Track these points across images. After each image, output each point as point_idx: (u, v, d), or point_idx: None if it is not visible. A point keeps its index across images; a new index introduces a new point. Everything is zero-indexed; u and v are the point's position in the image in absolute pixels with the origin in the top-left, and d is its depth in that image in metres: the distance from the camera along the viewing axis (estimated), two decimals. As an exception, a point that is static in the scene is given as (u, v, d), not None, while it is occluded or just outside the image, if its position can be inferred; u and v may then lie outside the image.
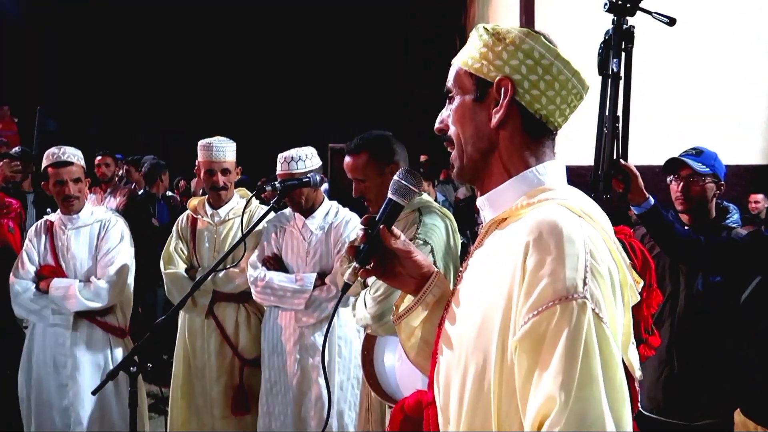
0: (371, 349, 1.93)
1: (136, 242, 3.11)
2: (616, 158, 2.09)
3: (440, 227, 2.06)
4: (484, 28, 1.07)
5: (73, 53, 12.06)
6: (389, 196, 1.16)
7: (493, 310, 0.93)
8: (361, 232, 1.14)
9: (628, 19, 2.02)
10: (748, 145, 5.43)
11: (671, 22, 2.05)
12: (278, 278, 2.79)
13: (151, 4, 11.86)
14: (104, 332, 2.97)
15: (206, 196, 3.23)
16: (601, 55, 2.02)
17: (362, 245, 1.13)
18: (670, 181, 2.44)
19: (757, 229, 2.71)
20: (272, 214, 2.76)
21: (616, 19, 2.01)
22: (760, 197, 5.50)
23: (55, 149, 2.92)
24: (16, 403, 3.00)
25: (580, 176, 2.02)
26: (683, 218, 2.44)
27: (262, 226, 2.88)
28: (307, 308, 2.76)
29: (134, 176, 6.10)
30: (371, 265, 1.14)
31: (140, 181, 5.91)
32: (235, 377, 3.04)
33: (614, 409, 0.82)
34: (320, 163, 2.90)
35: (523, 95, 1.02)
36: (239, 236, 2.39)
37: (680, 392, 2.37)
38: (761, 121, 5.51)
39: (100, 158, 5.73)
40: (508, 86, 1.02)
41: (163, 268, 3.09)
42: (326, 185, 4.99)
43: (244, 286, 2.96)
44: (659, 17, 2.05)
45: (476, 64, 1.05)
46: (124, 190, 5.57)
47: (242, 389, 3.03)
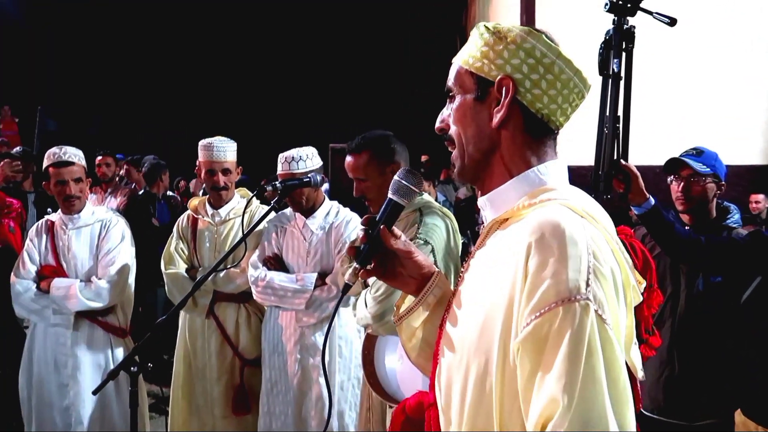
0: (372, 348, 1.93)
1: (136, 242, 3.11)
2: (616, 158, 2.08)
3: (441, 227, 2.06)
4: (485, 26, 1.05)
5: (73, 53, 12.08)
6: (389, 196, 1.15)
7: (494, 311, 0.92)
8: (361, 232, 1.13)
9: (628, 19, 2.01)
10: (748, 145, 5.43)
11: (672, 22, 2.05)
12: (279, 278, 2.79)
13: (151, 4, 11.86)
14: (105, 332, 2.97)
15: (206, 196, 3.24)
16: (601, 55, 2.01)
17: (362, 246, 1.12)
18: (670, 181, 2.43)
19: (757, 229, 2.71)
20: (273, 214, 2.76)
21: (616, 19, 2.01)
22: (760, 197, 5.51)
23: (56, 149, 2.92)
24: (16, 402, 3.00)
25: (581, 176, 2.02)
26: (684, 218, 2.44)
27: (262, 226, 2.88)
28: (307, 308, 2.76)
29: (134, 176, 6.10)
30: (372, 265, 1.13)
31: (140, 180, 5.91)
32: (235, 377, 3.04)
33: (618, 411, 0.81)
34: (321, 163, 2.90)
35: (524, 94, 1.01)
36: (240, 236, 2.38)
37: (681, 392, 2.36)
38: (762, 121, 5.51)
39: (100, 158, 5.73)
40: (509, 85, 1.01)
41: (163, 268, 3.09)
42: (327, 185, 4.98)
43: (244, 286, 2.96)
44: (660, 17, 2.05)
45: (477, 63, 1.04)
46: (124, 190, 5.57)
47: (243, 389, 3.02)
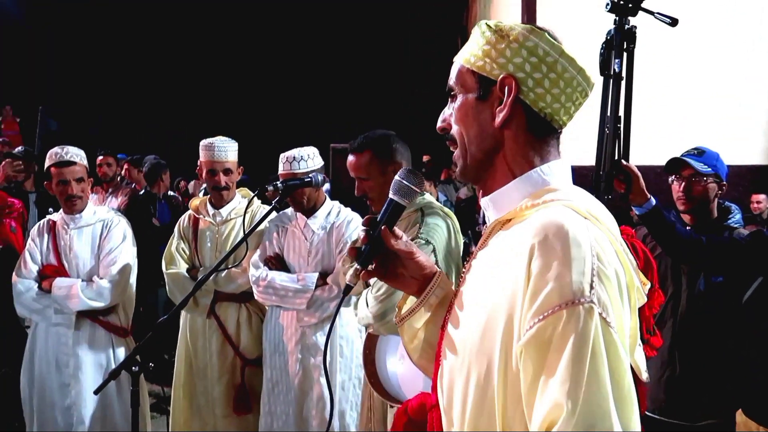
0: (373, 348, 1.92)
1: (137, 242, 3.11)
2: (617, 158, 2.08)
3: (442, 227, 2.06)
4: (486, 24, 1.04)
5: (74, 53, 12.09)
6: (391, 196, 1.14)
7: (496, 313, 0.91)
8: (362, 233, 1.12)
9: (629, 19, 2.01)
10: (750, 145, 5.43)
11: (673, 22, 2.04)
12: (280, 278, 2.79)
13: (151, 4, 11.86)
14: (106, 332, 2.97)
15: (208, 196, 3.24)
16: (602, 55, 2.01)
17: (364, 246, 1.11)
18: (671, 181, 2.43)
19: (758, 229, 2.71)
20: (274, 213, 2.76)
21: (617, 19, 2.01)
22: (762, 197, 5.50)
23: (58, 149, 2.92)
24: (18, 402, 3.00)
25: (582, 176, 2.02)
26: (685, 218, 2.44)
27: (263, 225, 2.89)
28: (308, 308, 2.76)
29: (135, 176, 6.10)
30: (373, 266, 1.12)
31: (141, 180, 5.91)
32: (236, 377, 3.04)
33: (622, 414, 0.80)
34: (322, 162, 2.90)
35: (527, 93, 0.99)
36: (241, 236, 2.38)
37: (682, 392, 2.36)
38: (763, 121, 5.50)
39: (101, 158, 5.73)
40: (511, 84, 0.99)
41: (164, 267, 3.09)
42: (328, 185, 4.98)
43: (245, 285, 2.96)
44: (661, 17, 2.05)
45: (479, 61, 1.02)
46: (125, 189, 5.57)
47: (244, 389, 3.03)
